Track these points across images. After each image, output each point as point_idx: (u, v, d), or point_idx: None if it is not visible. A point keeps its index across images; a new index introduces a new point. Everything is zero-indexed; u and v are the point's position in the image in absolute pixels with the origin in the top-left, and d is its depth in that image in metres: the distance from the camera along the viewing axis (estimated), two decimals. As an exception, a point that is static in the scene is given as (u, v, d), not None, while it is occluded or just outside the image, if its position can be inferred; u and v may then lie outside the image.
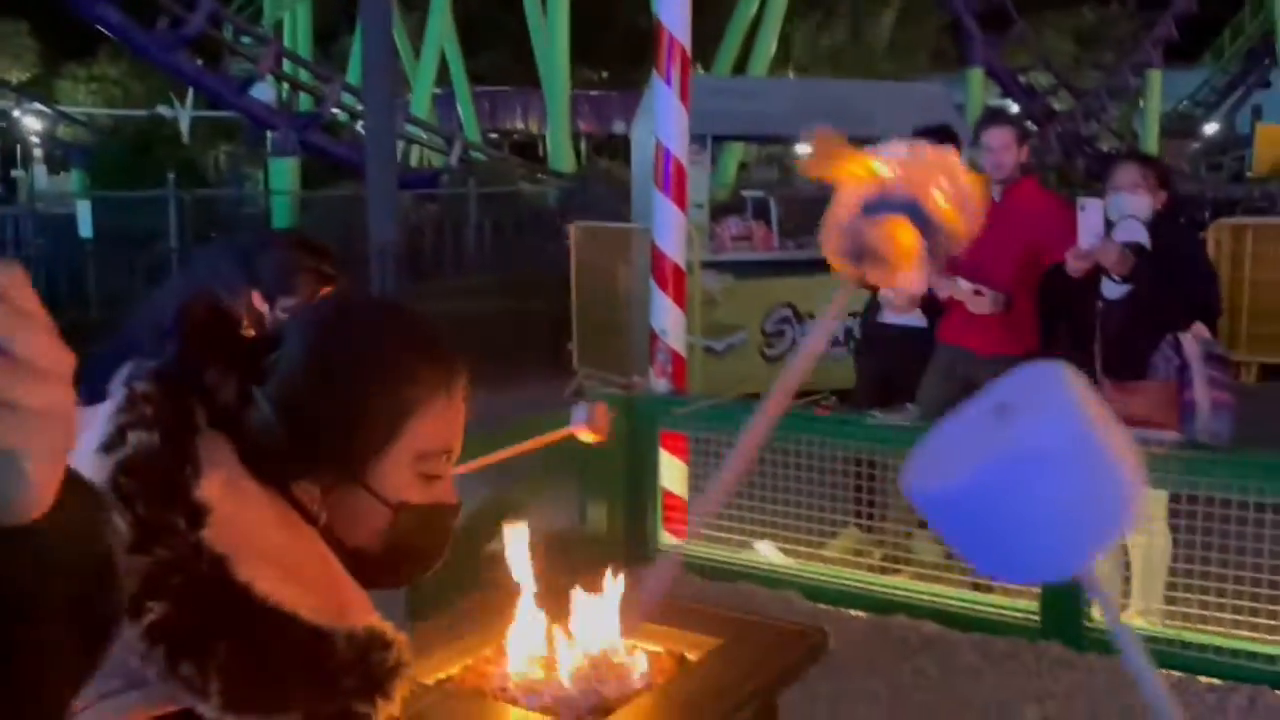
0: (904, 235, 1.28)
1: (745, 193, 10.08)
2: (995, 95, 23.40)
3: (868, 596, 4.31)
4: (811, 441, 4.39)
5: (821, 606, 4.28)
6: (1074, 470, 1.01)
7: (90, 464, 0.89)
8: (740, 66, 21.00)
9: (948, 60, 28.36)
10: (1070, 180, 19.78)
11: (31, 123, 26.32)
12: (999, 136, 4.33)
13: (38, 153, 24.82)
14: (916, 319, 4.67)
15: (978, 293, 4.27)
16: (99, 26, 15.29)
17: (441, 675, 2.07)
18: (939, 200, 1.29)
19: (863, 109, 8.70)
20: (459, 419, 1.09)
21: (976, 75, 21.78)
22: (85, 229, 10.82)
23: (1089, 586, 1.11)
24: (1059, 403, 1.04)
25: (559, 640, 2.05)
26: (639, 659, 2.06)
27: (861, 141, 1.39)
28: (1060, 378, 1.06)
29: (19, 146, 25.06)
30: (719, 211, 9.63)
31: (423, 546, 1.08)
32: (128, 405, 0.95)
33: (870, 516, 4.66)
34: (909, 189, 1.29)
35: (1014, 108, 21.53)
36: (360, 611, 0.98)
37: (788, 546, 4.54)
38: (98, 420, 0.94)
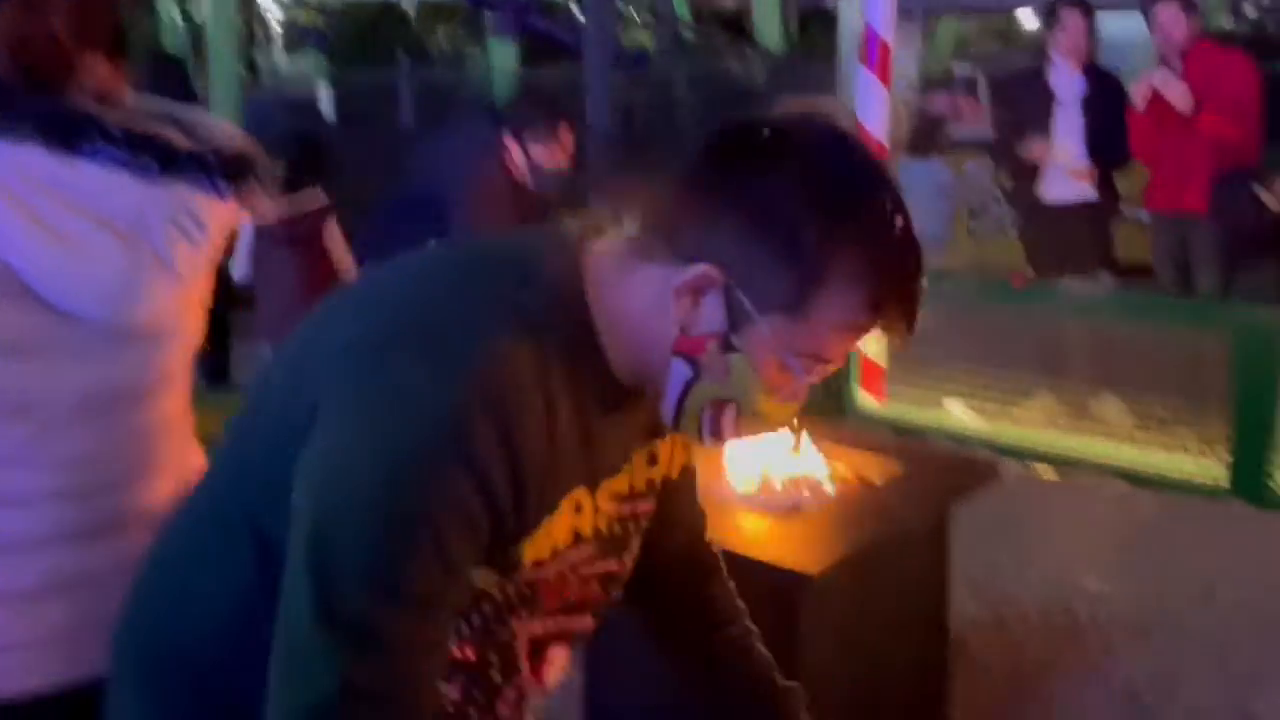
0: None
1: (955, 68, 9.98)
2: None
3: (1055, 455, 4.58)
4: (1005, 310, 4.65)
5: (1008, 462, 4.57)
6: None
7: None
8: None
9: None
10: None
11: (271, 6, 27.80)
12: (1166, 11, 4.69)
13: (277, 35, 26.30)
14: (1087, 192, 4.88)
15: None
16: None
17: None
18: None
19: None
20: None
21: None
22: (328, 112, 11.73)
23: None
24: None
25: (769, 462, 2.49)
26: (833, 477, 2.49)
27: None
28: None
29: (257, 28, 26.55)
30: (930, 87, 9.58)
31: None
32: None
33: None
34: None
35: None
36: None
37: (978, 406, 4.84)
38: None
